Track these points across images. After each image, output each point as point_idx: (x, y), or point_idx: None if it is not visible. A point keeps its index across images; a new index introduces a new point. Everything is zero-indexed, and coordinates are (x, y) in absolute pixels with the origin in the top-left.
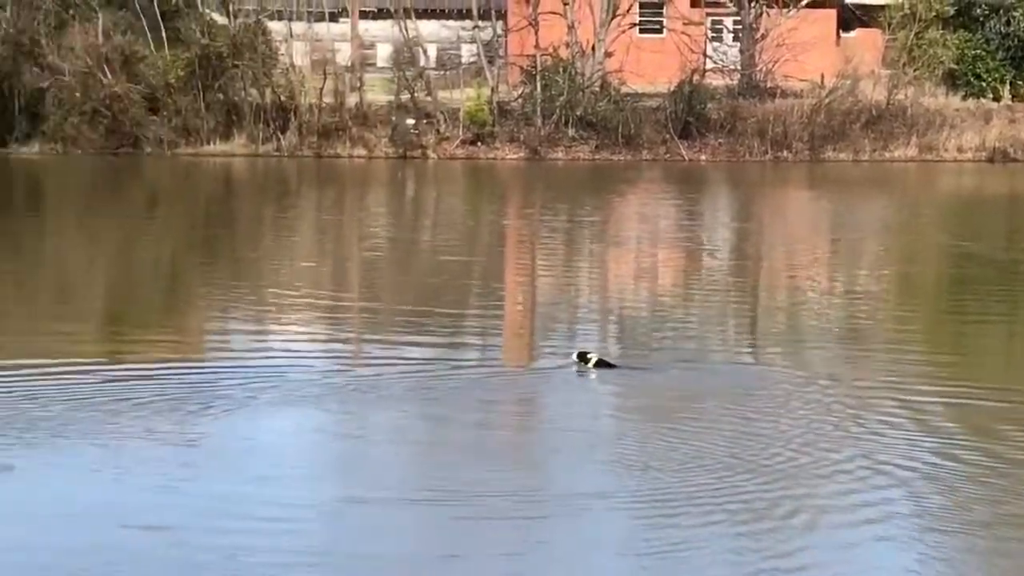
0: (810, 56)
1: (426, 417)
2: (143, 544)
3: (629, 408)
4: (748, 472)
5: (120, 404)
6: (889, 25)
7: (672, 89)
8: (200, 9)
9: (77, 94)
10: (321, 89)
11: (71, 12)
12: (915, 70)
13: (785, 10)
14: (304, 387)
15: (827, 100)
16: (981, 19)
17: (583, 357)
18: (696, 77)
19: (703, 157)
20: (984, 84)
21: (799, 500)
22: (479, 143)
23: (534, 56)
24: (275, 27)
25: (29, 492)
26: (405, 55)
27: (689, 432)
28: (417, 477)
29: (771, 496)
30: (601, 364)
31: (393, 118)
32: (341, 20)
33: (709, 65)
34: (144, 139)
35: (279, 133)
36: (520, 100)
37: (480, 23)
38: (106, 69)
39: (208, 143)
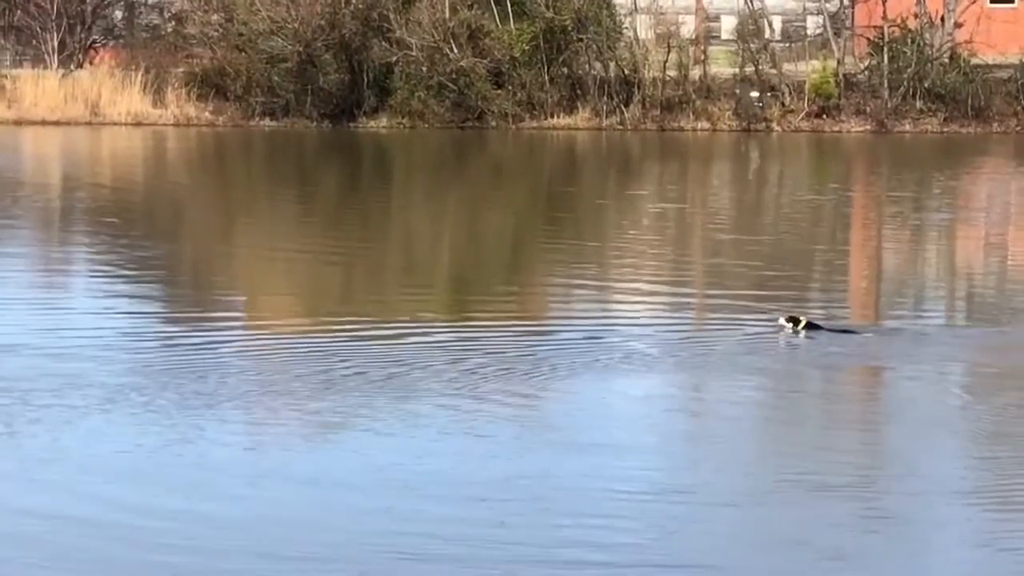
0: None
1: (767, 387)
2: (466, 519)
3: (979, 378)
4: None
5: (453, 366)
6: None
7: None
8: None
9: (424, 68)
10: (665, 62)
11: None
12: None
13: None
14: (641, 354)
15: None
16: None
17: (795, 320)
18: None
19: None
20: None
21: None
22: (824, 116)
23: (881, 27)
24: (619, 0)
25: (355, 455)
26: (750, 27)
27: None
28: (754, 462)
29: None
30: (810, 327)
31: (737, 91)
32: None
33: None
34: (489, 113)
35: (622, 106)
36: (867, 72)
37: None
38: (452, 44)
39: (552, 117)
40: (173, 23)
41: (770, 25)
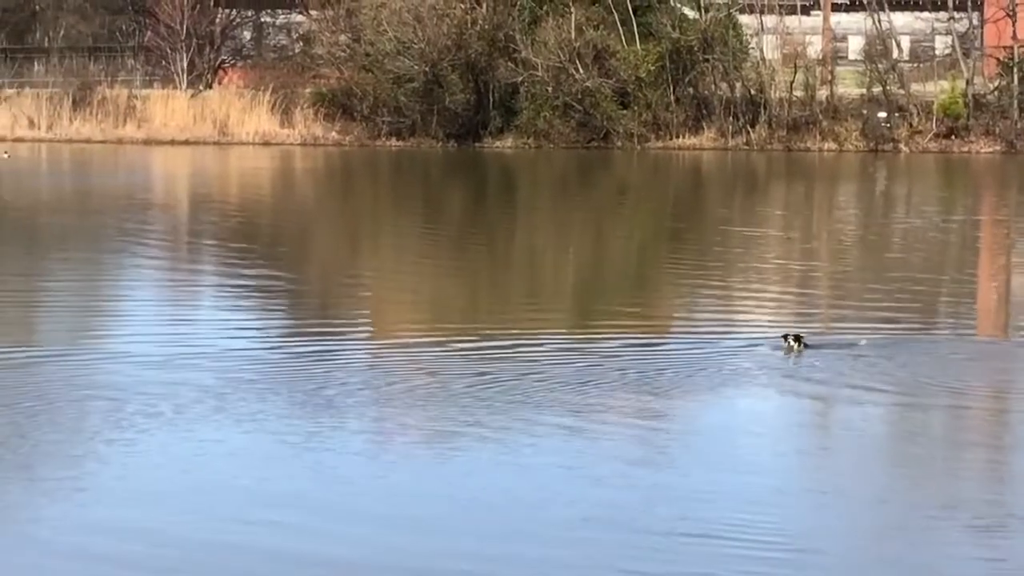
0: None
1: (892, 402)
2: (584, 534)
3: None
4: None
5: (572, 379)
6: None
7: None
8: (671, 3)
9: (549, 89)
10: (791, 82)
11: (545, 8)
12: None
13: None
14: (761, 371)
15: None
16: None
17: (799, 339)
18: None
19: None
20: None
21: None
22: (953, 136)
23: (1011, 47)
24: (746, 21)
25: (463, 468)
26: (878, 48)
27: None
28: (877, 475)
29: None
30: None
31: (864, 111)
32: (813, 13)
33: None
34: (614, 133)
35: (748, 127)
36: (996, 92)
37: (955, 14)
38: (578, 64)
39: (677, 137)
40: (301, 44)
41: (898, 45)
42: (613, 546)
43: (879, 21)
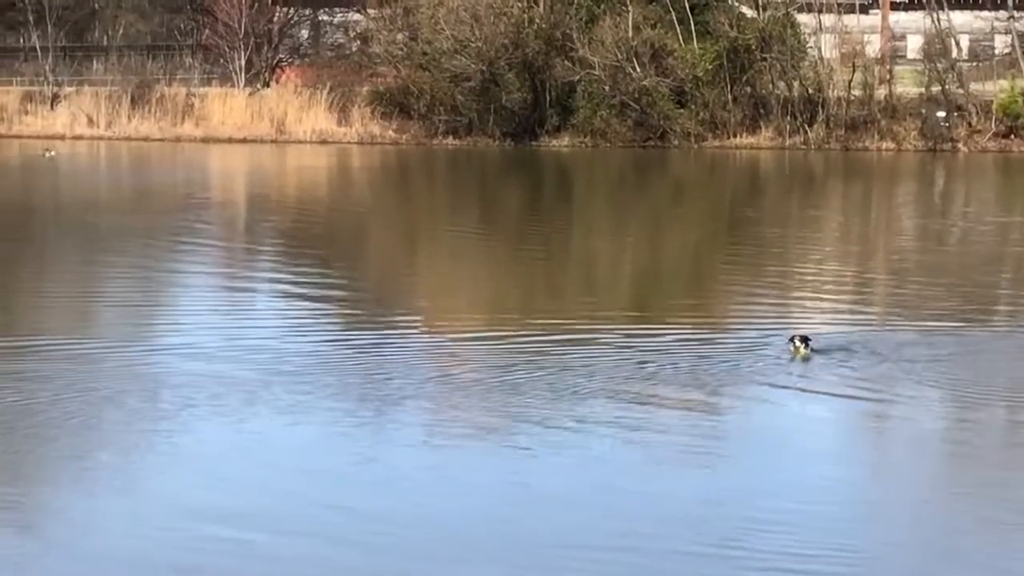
0: None
1: (945, 399)
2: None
3: None
4: None
5: (622, 373)
6: None
7: None
8: (729, 2)
9: (606, 88)
10: (850, 82)
11: (602, 7)
12: None
13: None
14: (816, 369)
15: None
16: None
17: (805, 340)
18: None
19: None
20: None
21: None
22: (1012, 136)
23: None
24: (804, 19)
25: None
26: (937, 47)
27: None
28: (930, 479)
29: None
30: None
31: (923, 111)
32: (871, 12)
33: None
34: (671, 132)
35: (806, 126)
36: None
37: (1015, 13)
38: (635, 62)
39: (734, 136)
40: (358, 42)
41: (957, 44)
42: (651, 546)
43: (938, 20)
